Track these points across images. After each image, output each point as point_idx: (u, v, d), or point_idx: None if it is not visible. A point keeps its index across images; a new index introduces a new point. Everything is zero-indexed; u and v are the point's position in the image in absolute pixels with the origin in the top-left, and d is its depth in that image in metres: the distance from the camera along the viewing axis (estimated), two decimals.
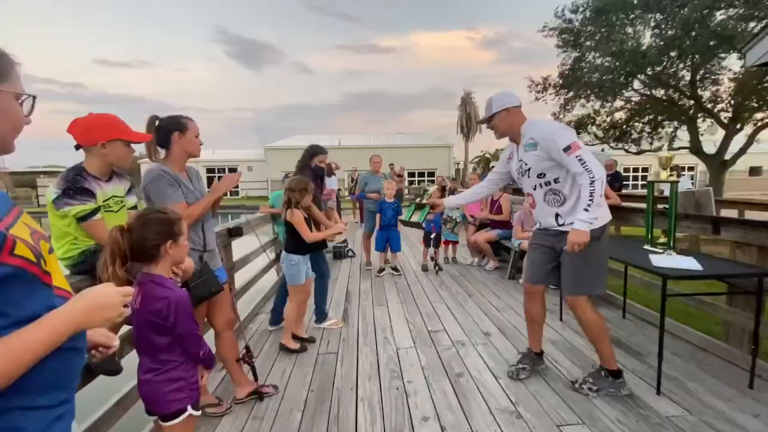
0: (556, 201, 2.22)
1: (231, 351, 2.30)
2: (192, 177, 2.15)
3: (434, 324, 3.44)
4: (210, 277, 2.03)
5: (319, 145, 3.59)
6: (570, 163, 2.05)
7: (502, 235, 5.21)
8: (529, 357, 2.56)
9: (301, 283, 2.94)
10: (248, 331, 3.39)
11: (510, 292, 4.31)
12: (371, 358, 2.84)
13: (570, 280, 2.23)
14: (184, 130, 2.01)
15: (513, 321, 3.47)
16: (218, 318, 2.24)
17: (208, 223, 2.17)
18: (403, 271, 5.31)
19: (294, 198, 2.85)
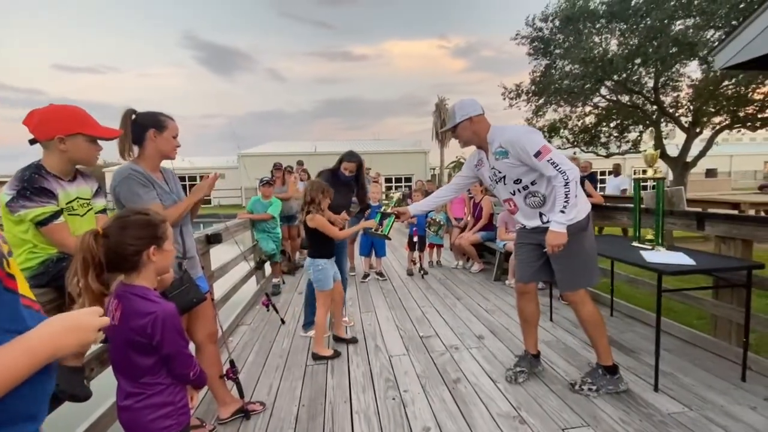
0: (537, 203, 2.20)
1: (213, 366, 2.11)
2: (168, 179, 1.98)
3: (425, 329, 3.35)
4: (191, 287, 1.85)
5: (351, 152, 3.42)
6: (543, 167, 2.04)
7: (485, 237, 5.19)
8: (526, 359, 2.50)
9: (330, 288, 2.85)
10: (230, 344, 3.18)
11: (498, 294, 4.28)
12: (363, 367, 2.70)
13: (566, 276, 2.21)
14: (161, 128, 1.85)
15: (504, 323, 3.43)
16: (199, 331, 2.05)
17: (188, 227, 2.00)
18: (389, 276, 5.20)
19: (318, 199, 2.74)
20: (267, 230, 4.54)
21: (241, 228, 4.25)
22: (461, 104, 2.23)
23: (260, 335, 3.36)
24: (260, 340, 3.27)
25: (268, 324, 3.61)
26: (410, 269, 5.31)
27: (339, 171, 3.35)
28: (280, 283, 4.74)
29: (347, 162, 3.36)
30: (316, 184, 2.79)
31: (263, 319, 3.72)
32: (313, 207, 2.74)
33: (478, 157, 2.37)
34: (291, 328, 3.51)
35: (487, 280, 4.88)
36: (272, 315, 3.67)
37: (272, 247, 4.48)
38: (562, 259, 2.16)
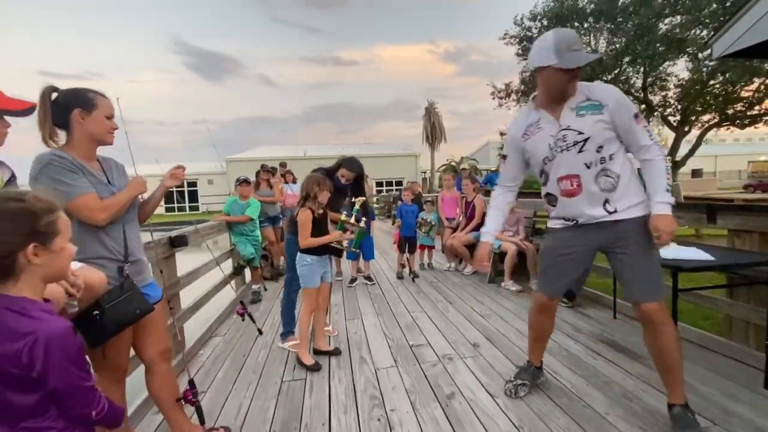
0: (608, 183, 1.73)
1: (167, 389, 1.80)
2: (108, 169, 1.67)
3: (416, 337, 3.06)
4: (134, 295, 1.55)
5: (353, 160, 3.06)
6: (640, 133, 1.68)
7: (479, 237, 4.92)
8: (528, 371, 2.22)
9: (315, 286, 2.66)
10: (198, 359, 2.86)
11: (492, 297, 4.01)
12: (346, 382, 2.41)
13: (645, 282, 1.71)
14: (88, 108, 1.54)
15: (500, 328, 3.16)
16: (148, 347, 1.74)
17: (132, 225, 1.69)
18: (377, 280, 4.91)
19: (313, 192, 2.55)
20: (245, 233, 4.23)
21: (215, 231, 3.93)
22: (542, 45, 1.72)
23: (234, 347, 3.05)
24: (233, 352, 2.95)
25: (245, 335, 3.30)
26: (400, 272, 5.04)
27: (335, 175, 3.02)
28: (261, 290, 4.42)
29: (346, 169, 3.02)
30: (311, 178, 2.62)
31: (239, 330, 3.40)
32: (309, 201, 2.57)
33: (531, 118, 1.85)
34: (269, 338, 3.20)
35: (481, 282, 4.62)
36: (249, 325, 3.34)
37: (251, 251, 4.17)
38: (640, 260, 1.71)
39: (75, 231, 1.50)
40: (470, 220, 5.01)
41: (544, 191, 1.95)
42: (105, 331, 1.44)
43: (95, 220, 1.48)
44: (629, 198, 1.74)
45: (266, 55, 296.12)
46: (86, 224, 1.50)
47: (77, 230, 1.49)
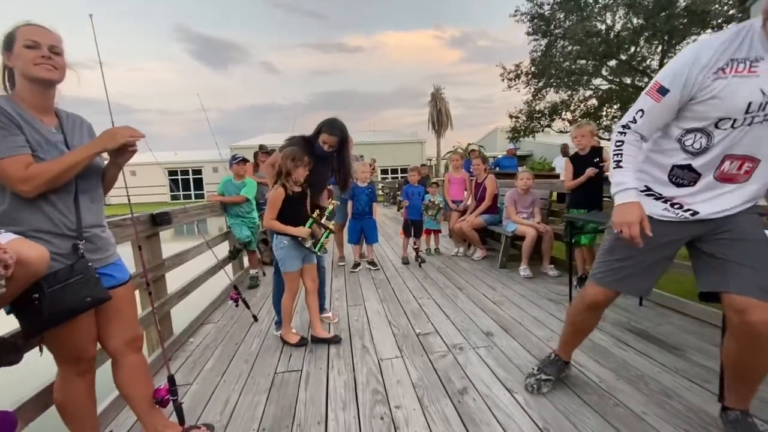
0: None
1: (138, 384, 1.56)
2: (69, 128, 1.40)
3: (423, 325, 2.81)
4: (87, 279, 1.29)
5: (333, 121, 2.54)
6: None
7: (489, 220, 4.65)
8: (554, 365, 1.95)
9: (295, 270, 2.45)
10: (186, 348, 2.63)
11: (505, 283, 3.74)
12: (346, 375, 2.16)
13: (760, 275, 1.29)
14: (10, 45, 1.27)
15: (515, 316, 2.89)
16: (113, 336, 1.50)
17: (90, 195, 1.42)
18: (382, 266, 4.66)
19: (287, 169, 2.27)
20: (241, 215, 3.98)
21: (207, 211, 3.68)
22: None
23: (227, 335, 2.82)
24: (226, 341, 2.73)
25: (238, 322, 3.07)
26: (405, 257, 4.78)
27: (316, 142, 2.58)
28: (259, 274, 4.20)
29: (327, 134, 2.51)
30: (285, 152, 2.29)
31: (233, 317, 3.18)
32: (283, 179, 2.25)
33: (741, 50, 1.24)
34: (264, 326, 2.97)
35: (492, 267, 4.35)
36: (244, 312, 3.13)
37: (247, 234, 3.92)
38: (759, 249, 1.33)
39: (9, 198, 1.25)
40: (480, 202, 4.72)
41: (680, 160, 1.38)
42: (43, 319, 1.19)
43: (18, 192, 1.21)
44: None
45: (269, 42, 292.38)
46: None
47: (10, 197, 1.23)
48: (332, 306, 3.31)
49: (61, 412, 1.44)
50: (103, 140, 1.35)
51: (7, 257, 1.00)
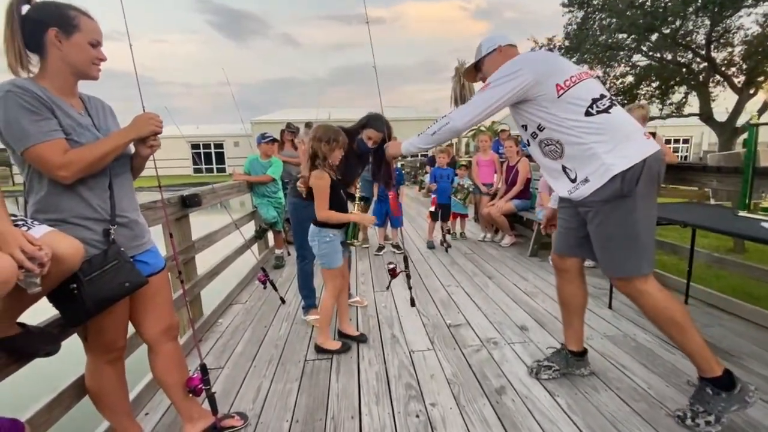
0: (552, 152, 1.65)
1: (174, 372, 1.54)
2: (93, 110, 1.34)
3: (453, 315, 2.73)
4: (122, 265, 1.25)
5: (380, 117, 2.43)
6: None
7: (520, 206, 4.47)
8: (560, 355, 1.94)
9: (339, 266, 2.25)
10: (216, 329, 2.64)
11: (537, 273, 3.61)
12: (377, 366, 2.12)
13: (604, 258, 1.63)
14: (68, 29, 1.20)
15: (550, 309, 2.78)
16: (149, 325, 1.47)
17: (122, 179, 1.37)
18: (406, 249, 4.56)
19: (320, 151, 2.06)
20: (267, 194, 3.94)
21: (234, 191, 3.64)
22: (488, 37, 1.87)
23: (255, 317, 2.82)
24: (254, 323, 2.73)
25: (266, 303, 3.07)
26: (431, 241, 4.68)
27: (358, 137, 2.44)
28: (284, 255, 4.19)
29: (373, 129, 2.39)
30: (319, 131, 2.09)
31: (260, 298, 3.18)
32: (319, 163, 2.09)
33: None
34: (292, 309, 2.96)
35: (521, 255, 4.21)
36: (271, 293, 3.11)
37: (273, 214, 3.89)
38: (596, 235, 1.62)
39: (47, 185, 1.20)
40: (511, 186, 4.53)
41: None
42: (85, 308, 1.15)
43: (55, 177, 1.16)
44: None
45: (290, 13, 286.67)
46: None
47: (48, 184, 1.18)
48: (358, 291, 3.27)
49: (94, 399, 1.43)
50: (138, 126, 1.30)
51: (42, 255, 0.95)
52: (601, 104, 1.53)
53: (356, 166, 2.56)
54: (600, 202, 1.53)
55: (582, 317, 1.90)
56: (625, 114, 1.57)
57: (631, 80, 12.48)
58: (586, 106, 1.52)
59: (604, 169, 1.49)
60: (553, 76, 1.56)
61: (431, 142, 1.76)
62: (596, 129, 1.51)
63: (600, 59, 12.36)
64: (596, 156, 1.50)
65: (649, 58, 12.09)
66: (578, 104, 1.53)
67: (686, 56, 11.78)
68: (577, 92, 1.54)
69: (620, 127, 1.52)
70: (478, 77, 1.93)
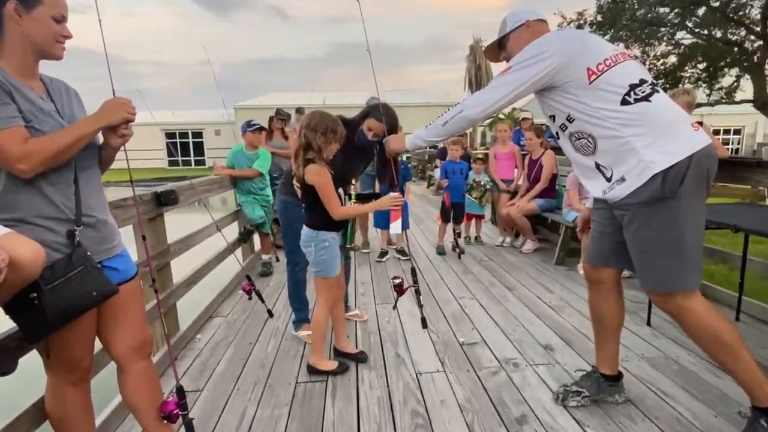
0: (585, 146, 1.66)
1: (146, 394, 1.55)
2: (56, 94, 1.35)
3: (467, 332, 2.73)
4: (88, 271, 1.26)
5: (386, 106, 2.40)
6: None
7: (544, 206, 4.47)
8: (591, 379, 1.93)
9: (336, 274, 2.26)
10: (194, 346, 2.65)
11: (564, 283, 3.61)
12: (379, 390, 2.12)
13: (642, 269, 1.63)
14: (30, 1, 1.22)
15: (578, 325, 2.78)
16: (119, 341, 1.48)
17: (89, 173, 1.38)
18: (413, 256, 4.58)
19: (315, 143, 2.03)
20: (253, 191, 3.96)
21: (216, 187, 3.67)
22: (514, 11, 1.87)
23: (238, 333, 2.84)
24: (238, 339, 2.74)
25: (251, 316, 3.09)
26: (441, 246, 4.69)
27: (359, 128, 2.45)
28: (272, 261, 4.21)
29: (374, 120, 2.40)
30: (314, 120, 2.07)
31: (245, 310, 3.20)
32: (312, 154, 2.07)
33: None
34: (281, 323, 2.97)
35: (545, 263, 4.22)
36: (257, 304, 3.12)
37: (260, 214, 3.90)
38: (633, 243, 1.62)
39: (4, 179, 1.21)
40: (534, 183, 4.53)
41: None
42: (47, 321, 1.16)
43: (13, 171, 1.17)
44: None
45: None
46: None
47: (4, 178, 1.19)
48: (358, 302, 3.28)
49: (55, 425, 1.44)
50: (107, 113, 1.31)
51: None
52: (640, 91, 1.53)
53: (357, 162, 2.56)
54: (638, 205, 1.53)
55: (617, 336, 1.90)
56: (668, 102, 1.57)
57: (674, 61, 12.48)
58: (623, 94, 1.51)
59: (642, 166, 1.48)
60: (583, 58, 1.55)
61: (442, 133, 1.77)
62: (634, 120, 1.50)
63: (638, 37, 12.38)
64: (634, 151, 1.50)
65: (695, 35, 12.07)
66: (613, 91, 1.52)
67: (738, 33, 11.76)
68: (611, 77, 1.53)
69: (662, 117, 1.52)
70: (502, 56, 1.93)
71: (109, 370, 1.69)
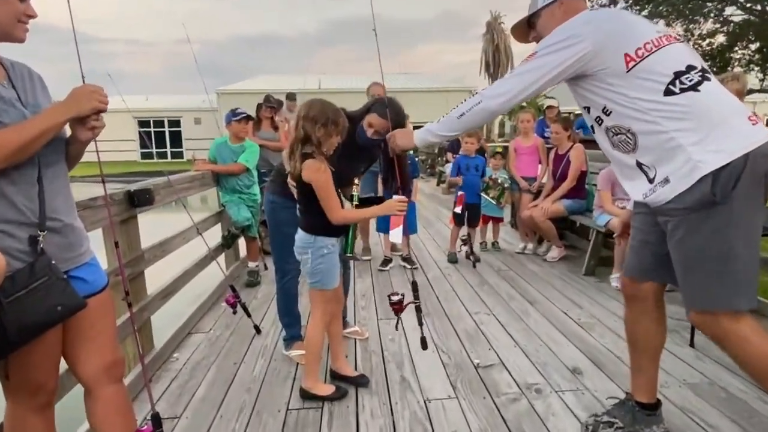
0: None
1: (119, 423, 1.57)
2: (17, 79, 1.38)
3: (482, 353, 2.76)
4: (52, 283, 1.28)
5: (392, 101, 2.43)
6: None
7: (572, 207, 4.49)
8: (626, 409, 1.94)
9: (335, 286, 2.28)
10: (170, 367, 2.68)
11: (594, 297, 3.64)
12: (382, 419, 2.14)
13: (685, 285, 1.63)
14: None
15: (611, 346, 2.80)
16: (88, 361, 1.50)
17: (54, 172, 1.40)
18: (421, 264, 4.62)
19: (315, 135, 2.04)
20: (239, 189, 4.01)
21: (196, 184, 3.72)
22: None
23: (221, 352, 2.87)
24: (220, 359, 2.77)
25: (236, 333, 3.12)
26: (454, 253, 4.73)
27: (359, 124, 2.47)
28: (260, 268, 4.25)
29: (376, 115, 2.43)
30: (314, 109, 2.07)
31: (229, 326, 3.23)
32: (311, 148, 2.07)
33: None
34: (270, 341, 3.00)
35: (573, 273, 4.26)
36: (243, 319, 3.16)
37: (246, 215, 3.94)
38: (676, 253, 1.62)
39: None
40: (561, 181, 4.55)
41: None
42: (6, 338, 1.19)
43: None
44: None
45: None
46: None
47: None
48: (358, 318, 3.30)
49: None
50: (76, 102, 1.32)
51: None
52: (687, 79, 1.52)
53: (357, 161, 2.58)
54: (683, 210, 1.53)
55: (657, 360, 1.90)
56: (721, 91, 1.56)
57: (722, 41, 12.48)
58: (667, 83, 1.51)
59: (690, 166, 1.48)
60: (620, 43, 1.56)
61: (457, 128, 1.78)
62: (680, 113, 1.50)
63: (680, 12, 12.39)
64: (680, 149, 1.49)
65: (746, 11, 12.06)
66: (656, 80, 1.52)
67: None
68: (653, 64, 1.53)
69: (713, 109, 1.51)
70: (531, 37, 1.93)
71: (75, 394, 1.71)
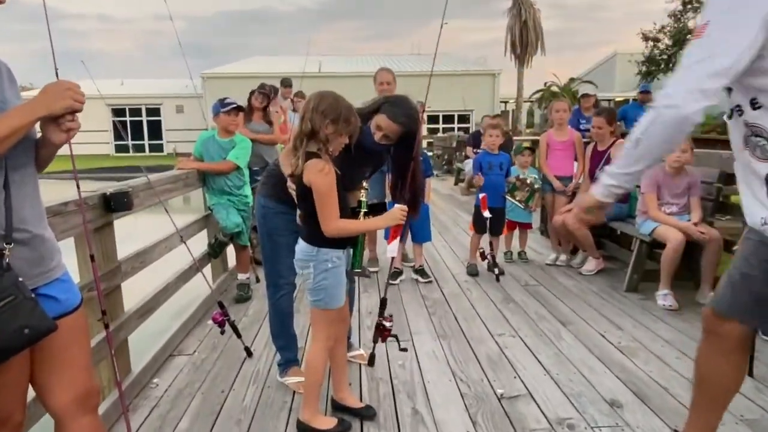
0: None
1: None
2: None
3: (507, 382, 2.78)
4: (19, 302, 1.32)
5: (402, 101, 2.48)
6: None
7: (612, 213, 4.48)
8: None
9: (340, 305, 2.31)
10: (149, 394, 2.72)
11: (637, 318, 3.65)
12: None
13: None
14: None
15: (656, 375, 2.81)
16: (59, 389, 1.54)
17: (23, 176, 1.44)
18: (436, 278, 4.66)
19: (323, 131, 2.05)
20: (228, 191, 4.07)
21: (180, 185, 3.79)
22: None
23: (207, 377, 2.92)
24: (206, 386, 2.82)
25: (224, 355, 3.17)
26: (474, 265, 4.77)
27: (366, 126, 2.42)
28: (251, 281, 4.31)
29: (385, 117, 2.38)
30: (324, 102, 2.08)
31: (215, 348, 3.28)
32: (316, 146, 2.09)
33: None
34: (262, 365, 3.04)
35: (614, 289, 4.28)
36: (232, 340, 3.21)
37: (236, 221, 4.00)
38: None
39: None
40: None
41: None
42: None
43: None
44: None
45: None
46: None
47: None
48: (363, 340, 3.33)
49: None
50: (48, 100, 1.34)
51: None
52: None
53: (362, 167, 2.59)
54: None
55: (725, 406, 1.86)
56: None
57: None
58: None
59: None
60: None
61: (638, 156, 1.60)
62: None
63: None
64: None
65: None
66: None
67: None
68: None
69: None
70: None
71: (43, 425, 1.75)
